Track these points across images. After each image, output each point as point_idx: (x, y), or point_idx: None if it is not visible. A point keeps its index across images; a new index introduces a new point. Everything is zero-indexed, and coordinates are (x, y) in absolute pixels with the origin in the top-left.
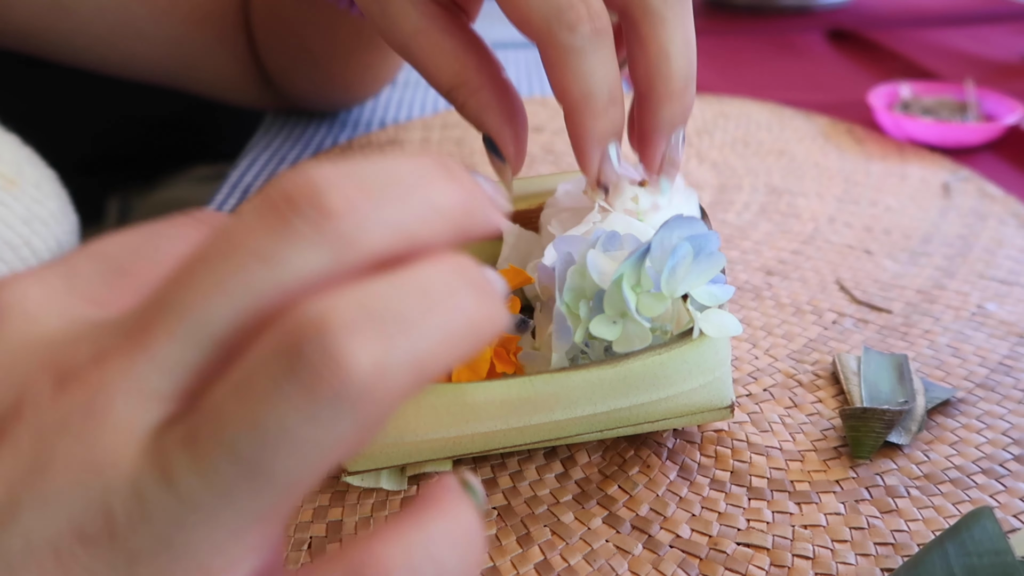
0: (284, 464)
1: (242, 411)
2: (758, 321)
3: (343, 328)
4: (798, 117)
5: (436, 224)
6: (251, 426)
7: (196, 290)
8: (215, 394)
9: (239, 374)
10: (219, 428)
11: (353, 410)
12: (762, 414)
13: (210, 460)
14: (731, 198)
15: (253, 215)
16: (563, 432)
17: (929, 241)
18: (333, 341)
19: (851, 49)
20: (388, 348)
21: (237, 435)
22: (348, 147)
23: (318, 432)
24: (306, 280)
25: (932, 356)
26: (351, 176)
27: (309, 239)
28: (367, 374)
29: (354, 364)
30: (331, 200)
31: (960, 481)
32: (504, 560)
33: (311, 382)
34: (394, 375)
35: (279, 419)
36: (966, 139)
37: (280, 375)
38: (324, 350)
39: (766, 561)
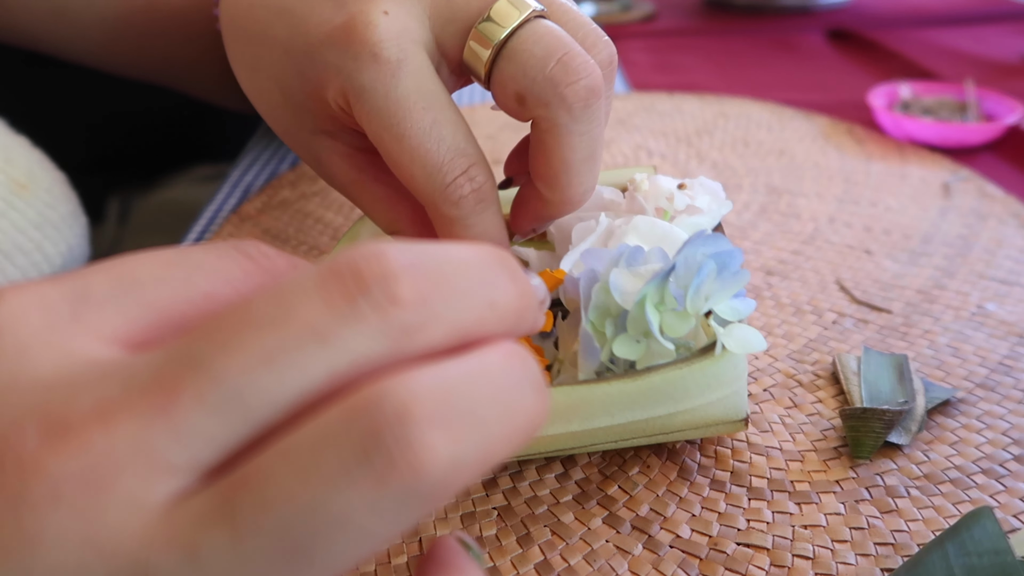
0: (331, 550)
1: (299, 487)
2: (758, 321)
3: (426, 419)
4: (798, 117)
5: (491, 323)
6: (308, 506)
7: (239, 357)
8: (261, 464)
9: (297, 446)
10: (268, 502)
11: (419, 505)
12: (762, 414)
13: (252, 536)
14: (731, 198)
15: (317, 285)
16: (578, 443)
17: (929, 241)
18: (415, 432)
19: (851, 49)
20: (464, 443)
21: (289, 512)
22: None
23: (377, 523)
24: (359, 365)
25: (932, 356)
26: (422, 263)
27: (373, 325)
28: (444, 470)
29: (433, 459)
30: (401, 288)
31: (960, 481)
32: (504, 560)
33: (385, 472)
34: (465, 471)
35: (342, 504)
36: (966, 139)
37: (351, 458)
38: (406, 440)
39: (766, 561)
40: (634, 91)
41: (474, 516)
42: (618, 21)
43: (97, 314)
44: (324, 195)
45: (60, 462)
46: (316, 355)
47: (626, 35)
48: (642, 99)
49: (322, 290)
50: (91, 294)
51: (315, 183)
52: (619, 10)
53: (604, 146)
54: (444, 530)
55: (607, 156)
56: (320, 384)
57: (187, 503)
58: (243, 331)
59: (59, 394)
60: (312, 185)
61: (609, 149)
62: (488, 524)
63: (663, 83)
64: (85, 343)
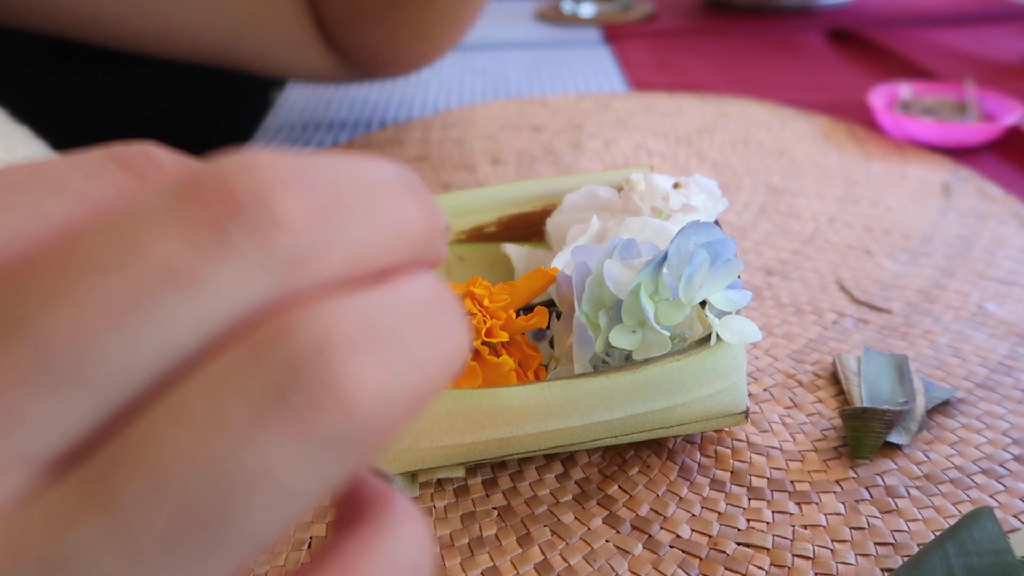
0: (248, 518)
1: (199, 445)
2: (758, 321)
3: (349, 345)
4: (798, 117)
5: (397, 249)
6: (213, 465)
7: (71, 315)
8: (142, 430)
9: (187, 400)
10: (158, 470)
11: (350, 449)
12: (762, 414)
13: (140, 518)
14: (731, 198)
15: (172, 207)
16: (578, 438)
17: (929, 241)
18: (339, 360)
19: (851, 49)
20: (394, 370)
21: (189, 478)
22: (349, 147)
23: (301, 476)
24: (236, 313)
25: (932, 356)
26: (309, 176)
27: (250, 258)
28: (376, 404)
29: (363, 391)
30: (285, 206)
31: (960, 481)
32: (504, 560)
33: (307, 411)
34: (398, 405)
35: (256, 457)
36: (966, 139)
37: (262, 400)
38: (328, 371)
39: (766, 561)
40: (634, 91)
41: (474, 516)
42: (618, 21)
43: None
44: None
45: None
46: (177, 305)
47: (626, 35)
48: (642, 99)
49: (179, 214)
50: None
51: None
52: (619, 10)
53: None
54: (444, 530)
55: (607, 155)
56: (187, 342)
57: (34, 503)
58: (74, 278)
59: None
60: None
61: (609, 149)
62: (488, 524)
63: (663, 83)
64: None
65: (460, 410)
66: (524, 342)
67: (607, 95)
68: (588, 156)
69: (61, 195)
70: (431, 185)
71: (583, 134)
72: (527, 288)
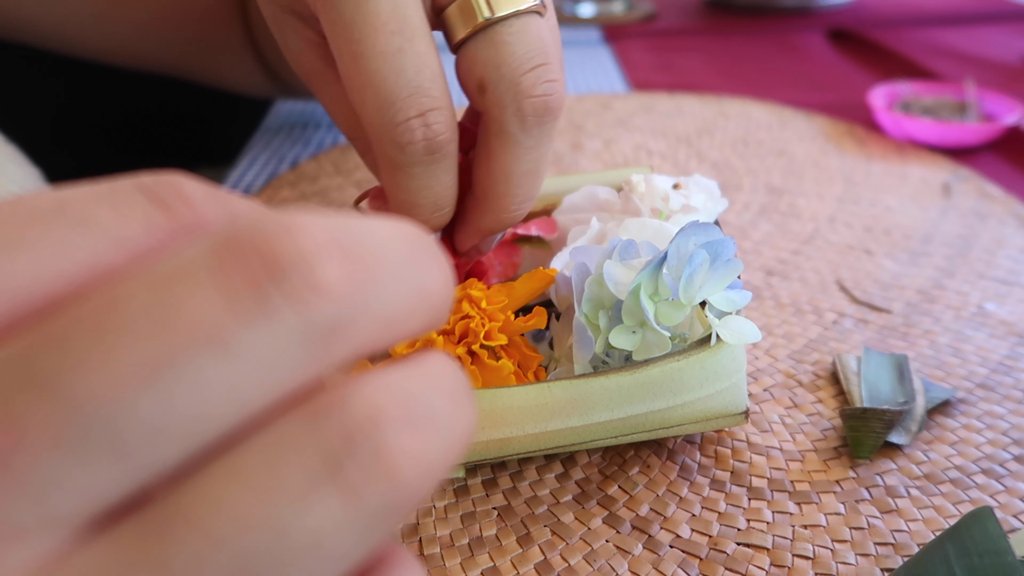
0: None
1: (258, 509)
2: (758, 321)
3: (398, 421)
4: (798, 117)
5: (420, 315)
6: (271, 530)
7: (104, 373)
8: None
9: (245, 463)
10: (217, 532)
11: (393, 515)
12: (762, 414)
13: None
14: (731, 198)
15: (211, 265)
16: (579, 438)
17: (929, 241)
18: (390, 435)
19: (851, 49)
20: (431, 445)
21: (248, 542)
22: (348, 147)
23: (349, 540)
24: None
25: (932, 356)
26: (344, 238)
27: (287, 324)
28: (418, 475)
29: (408, 464)
30: (324, 273)
31: (960, 481)
32: (504, 560)
33: (361, 481)
34: (433, 474)
35: (311, 523)
36: (966, 139)
37: (320, 469)
38: (382, 445)
39: (766, 561)
40: (634, 91)
41: (474, 516)
42: (618, 21)
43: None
44: (324, 195)
45: None
46: (212, 367)
47: (626, 35)
48: (642, 99)
49: (219, 273)
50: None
51: (315, 183)
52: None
53: (549, 165)
54: (444, 530)
55: (607, 155)
56: (224, 406)
57: (68, 564)
58: (109, 335)
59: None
60: (312, 185)
61: (609, 149)
62: (488, 524)
63: (663, 83)
64: None
65: None
66: (523, 343)
67: (607, 95)
68: (588, 156)
69: (87, 230)
70: None
71: (583, 134)
72: (525, 289)
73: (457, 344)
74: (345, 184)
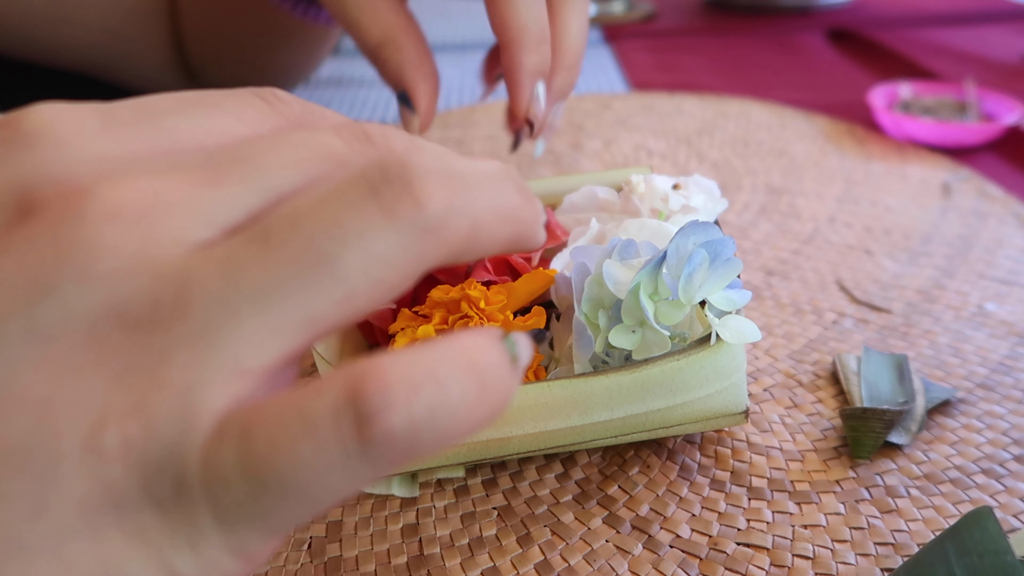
0: (351, 264)
1: (323, 212)
2: (758, 321)
3: (424, 169)
4: (798, 117)
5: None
6: (331, 224)
7: (274, 156)
8: (289, 204)
9: (319, 190)
10: (297, 224)
11: (419, 238)
12: (762, 414)
13: (280, 247)
14: (731, 198)
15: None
16: (578, 438)
17: (929, 241)
18: (415, 176)
19: (851, 49)
20: (455, 198)
21: (314, 226)
22: None
23: (386, 246)
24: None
25: (932, 356)
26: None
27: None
28: (437, 210)
29: (428, 198)
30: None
31: (960, 481)
32: (504, 560)
33: (391, 203)
34: (456, 221)
35: (357, 222)
36: (966, 139)
37: (364, 192)
38: (407, 181)
39: (766, 561)
40: (634, 91)
41: (474, 516)
42: (618, 21)
43: (121, 130)
44: None
45: (118, 196)
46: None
47: (626, 35)
48: (642, 99)
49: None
50: (116, 116)
51: None
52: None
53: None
54: (444, 531)
55: (607, 155)
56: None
57: (225, 239)
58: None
59: (110, 164)
60: None
61: (609, 149)
62: (488, 524)
63: (663, 83)
64: (115, 149)
65: None
66: None
67: (607, 95)
68: (588, 156)
69: (220, 110)
70: None
71: (583, 134)
72: (525, 289)
73: None
74: None
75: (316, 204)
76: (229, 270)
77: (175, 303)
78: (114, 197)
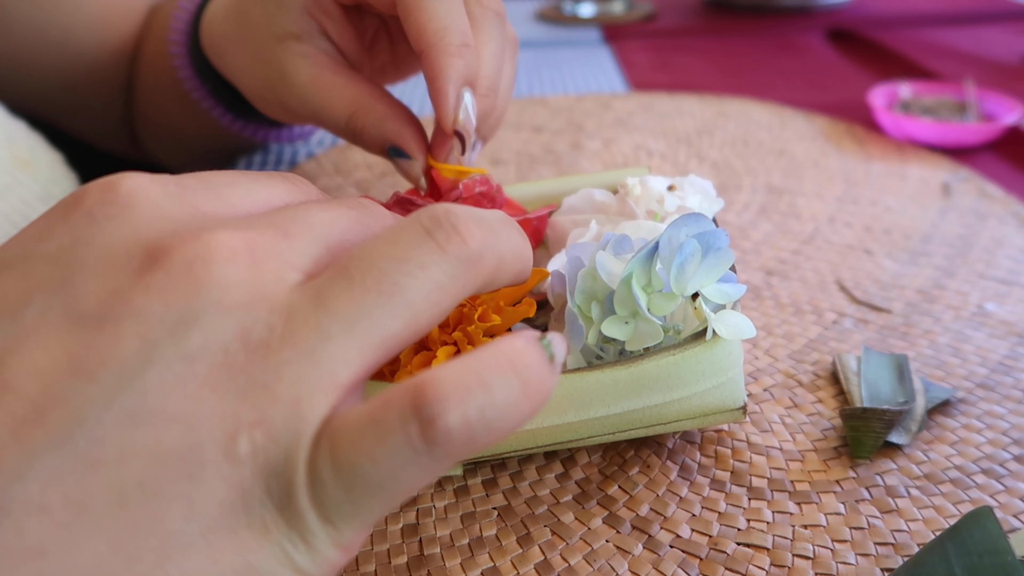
0: (414, 289)
1: (392, 251)
2: (758, 321)
3: (464, 214)
4: (798, 117)
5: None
6: (398, 259)
7: (315, 217)
8: (361, 247)
9: (380, 238)
10: (370, 260)
11: (465, 269)
12: (762, 414)
13: (361, 281)
14: (731, 198)
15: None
16: (575, 435)
17: (929, 241)
18: (459, 220)
19: (851, 49)
20: (489, 238)
21: (386, 263)
22: (348, 147)
23: (440, 274)
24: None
25: (932, 356)
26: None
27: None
28: (478, 246)
29: (471, 237)
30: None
31: (960, 481)
32: (504, 560)
33: (444, 242)
34: (489, 256)
35: (420, 257)
36: (966, 139)
37: (421, 234)
38: (454, 224)
39: (766, 561)
40: (634, 91)
41: (474, 516)
42: (618, 21)
43: (194, 196)
44: None
45: (226, 241)
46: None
47: (626, 35)
48: (642, 99)
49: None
50: (187, 184)
51: (314, 183)
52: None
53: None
54: (444, 531)
55: (607, 155)
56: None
57: (311, 279)
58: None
59: (201, 221)
60: None
61: (609, 149)
62: (488, 524)
63: (663, 83)
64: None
65: None
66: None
67: (607, 95)
68: (588, 156)
69: (259, 184)
70: None
71: (583, 134)
72: (516, 288)
73: (452, 331)
74: (345, 184)
75: (384, 245)
76: (322, 301)
77: (284, 330)
78: (225, 245)
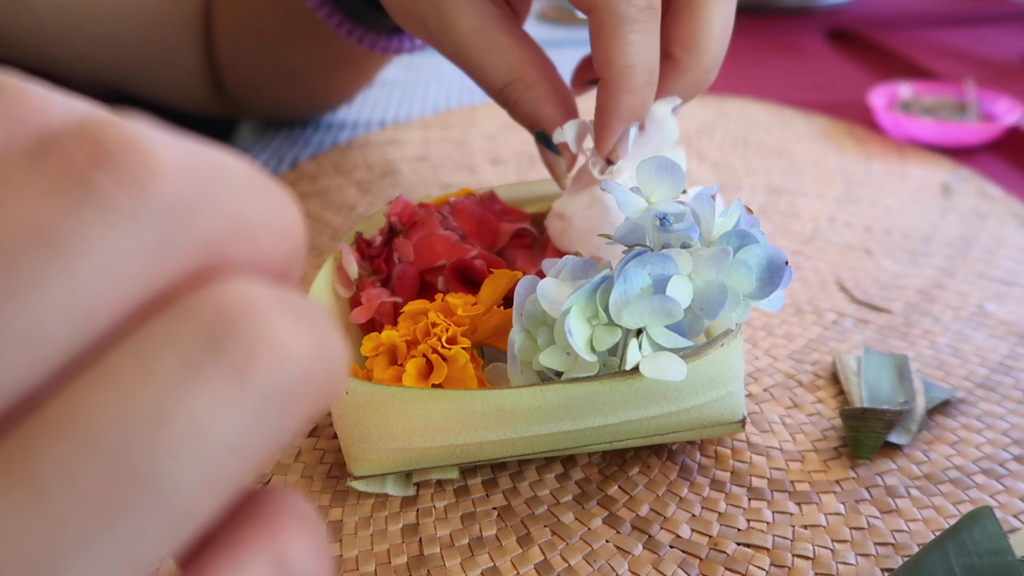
0: (183, 474)
1: (128, 400)
2: (758, 321)
3: (275, 306)
4: (798, 117)
5: (278, 238)
6: (144, 418)
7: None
8: (60, 397)
9: (110, 364)
10: (83, 432)
11: (287, 403)
12: (762, 414)
13: (64, 485)
14: (731, 198)
15: (29, 165)
16: (572, 443)
17: (929, 241)
18: (269, 317)
19: (851, 49)
20: (314, 340)
21: (118, 434)
22: (348, 147)
23: (241, 427)
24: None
25: (932, 356)
26: (182, 144)
27: (123, 209)
28: (305, 359)
29: (294, 344)
30: (159, 153)
31: (960, 481)
32: (504, 560)
33: (244, 359)
34: (320, 372)
35: (193, 407)
36: (966, 139)
37: (197, 351)
38: (262, 324)
39: (766, 561)
40: None
41: (474, 516)
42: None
43: None
44: (323, 195)
45: None
46: (46, 267)
47: None
48: None
49: (39, 171)
50: None
51: (314, 183)
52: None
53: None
54: (444, 531)
55: None
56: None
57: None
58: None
59: None
60: (311, 185)
61: None
62: (488, 524)
63: None
64: None
65: (453, 411)
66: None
67: None
68: None
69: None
70: (431, 186)
71: None
72: (490, 292)
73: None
74: (345, 184)
75: (114, 391)
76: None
77: None
78: None
